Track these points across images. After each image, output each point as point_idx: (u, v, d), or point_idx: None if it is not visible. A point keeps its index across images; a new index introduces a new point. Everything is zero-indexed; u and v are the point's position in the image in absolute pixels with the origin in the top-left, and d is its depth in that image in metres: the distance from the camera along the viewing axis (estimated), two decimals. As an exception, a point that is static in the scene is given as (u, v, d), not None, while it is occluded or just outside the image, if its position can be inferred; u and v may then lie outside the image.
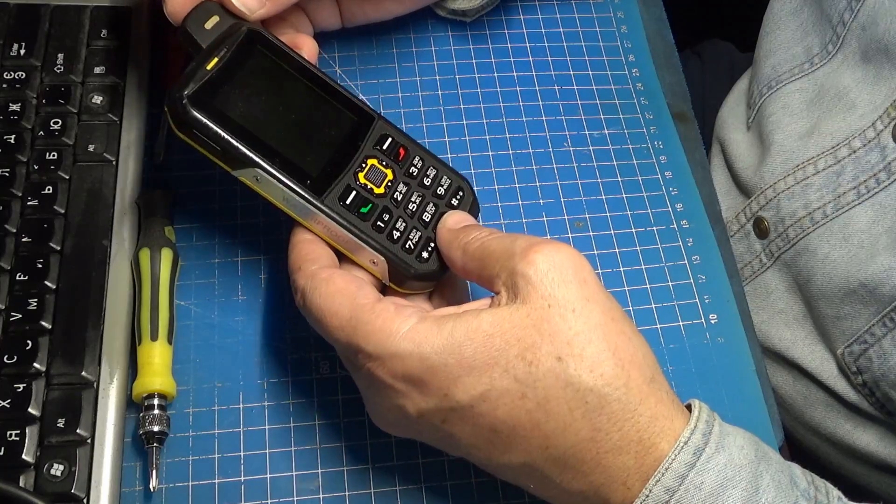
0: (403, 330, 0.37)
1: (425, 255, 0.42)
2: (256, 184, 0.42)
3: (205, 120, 0.41)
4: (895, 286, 0.50)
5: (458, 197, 0.44)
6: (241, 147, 0.41)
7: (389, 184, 0.43)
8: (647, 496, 0.36)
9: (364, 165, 0.43)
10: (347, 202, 0.42)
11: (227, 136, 0.41)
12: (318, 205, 0.41)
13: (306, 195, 0.41)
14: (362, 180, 0.43)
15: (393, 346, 0.37)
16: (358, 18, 0.55)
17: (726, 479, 0.36)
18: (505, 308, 0.37)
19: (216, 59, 0.43)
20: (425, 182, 0.44)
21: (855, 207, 0.54)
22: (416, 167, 0.44)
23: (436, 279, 0.43)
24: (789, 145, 0.59)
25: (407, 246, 0.42)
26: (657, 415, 0.37)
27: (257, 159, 0.41)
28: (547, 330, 0.36)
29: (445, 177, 0.45)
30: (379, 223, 0.42)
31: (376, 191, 0.43)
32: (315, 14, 0.53)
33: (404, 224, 0.43)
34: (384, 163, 0.44)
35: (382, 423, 0.42)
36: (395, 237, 0.42)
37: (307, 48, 0.46)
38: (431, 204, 0.44)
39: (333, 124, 0.44)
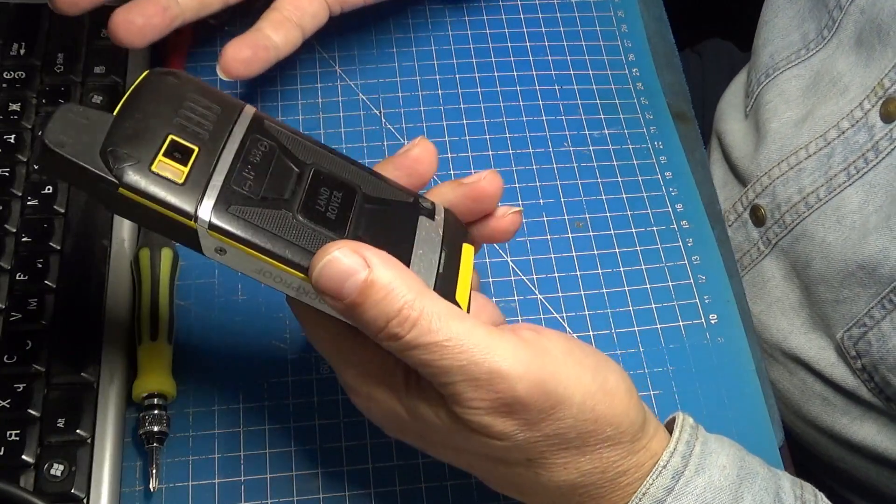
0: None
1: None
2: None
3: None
4: (893, 266, 0.50)
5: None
6: None
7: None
8: None
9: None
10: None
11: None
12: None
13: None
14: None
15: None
16: (346, 5, 0.52)
17: (705, 503, 0.36)
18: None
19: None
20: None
21: (846, 189, 0.54)
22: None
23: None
24: (784, 132, 0.59)
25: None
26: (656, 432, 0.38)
27: None
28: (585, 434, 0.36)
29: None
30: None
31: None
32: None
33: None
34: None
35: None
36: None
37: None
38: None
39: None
